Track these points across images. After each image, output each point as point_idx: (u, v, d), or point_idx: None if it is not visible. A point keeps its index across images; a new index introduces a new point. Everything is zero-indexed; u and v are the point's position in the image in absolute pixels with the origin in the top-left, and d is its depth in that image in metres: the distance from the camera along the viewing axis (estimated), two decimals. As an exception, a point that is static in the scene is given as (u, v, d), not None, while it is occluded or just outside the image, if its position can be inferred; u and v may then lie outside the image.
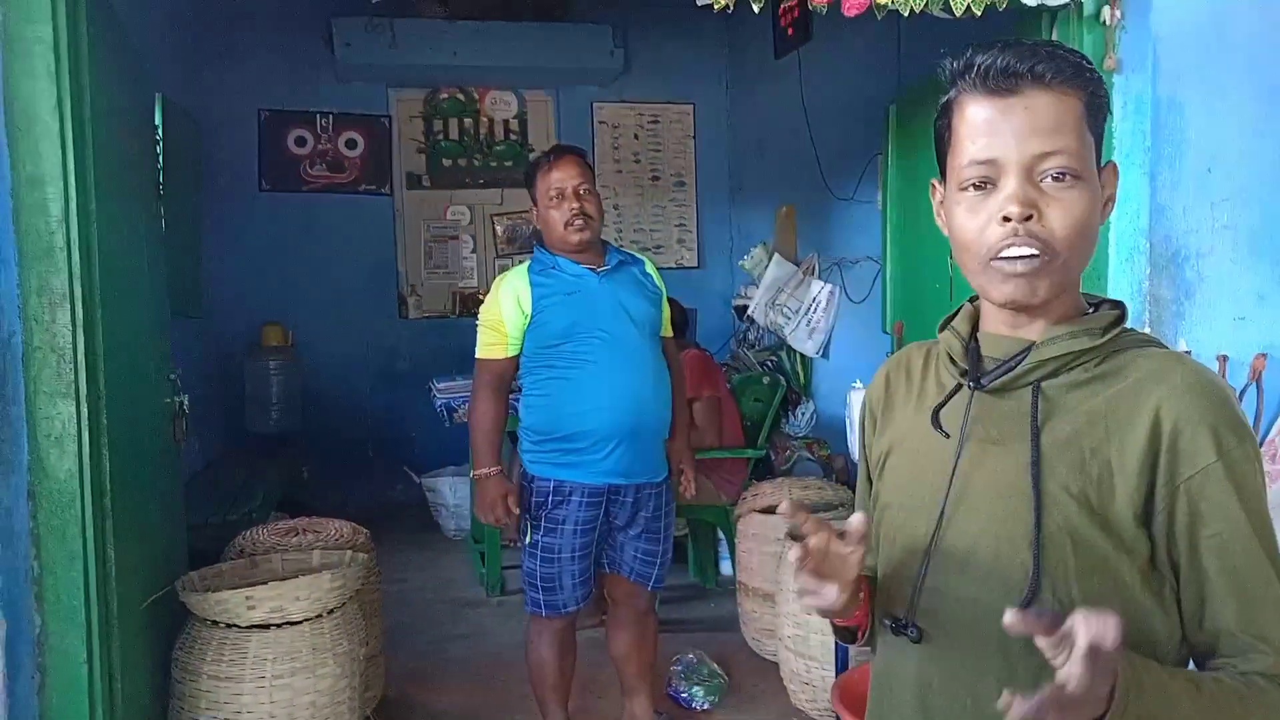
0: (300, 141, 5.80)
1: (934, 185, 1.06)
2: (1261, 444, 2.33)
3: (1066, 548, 0.93)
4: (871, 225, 4.30)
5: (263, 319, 5.56)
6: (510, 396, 2.78)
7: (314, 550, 2.80)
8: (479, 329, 2.71)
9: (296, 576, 2.52)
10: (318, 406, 5.67)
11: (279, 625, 2.41)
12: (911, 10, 2.20)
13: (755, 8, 2.15)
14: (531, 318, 2.61)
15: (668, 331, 2.85)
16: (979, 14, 2.18)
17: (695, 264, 6.42)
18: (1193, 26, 2.29)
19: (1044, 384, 0.98)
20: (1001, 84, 0.94)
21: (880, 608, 1.09)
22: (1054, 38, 2.44)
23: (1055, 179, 0.94)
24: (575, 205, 2.62)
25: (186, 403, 3.07)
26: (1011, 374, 0.99)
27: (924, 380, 1.11)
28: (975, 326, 1.07)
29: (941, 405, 1.05)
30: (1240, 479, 0.90)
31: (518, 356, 2.67)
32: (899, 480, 1.09)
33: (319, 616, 2.46)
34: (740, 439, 4.26)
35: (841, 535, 0.97)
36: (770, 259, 5.33)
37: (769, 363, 5.37)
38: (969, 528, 0.99)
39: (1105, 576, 0.92)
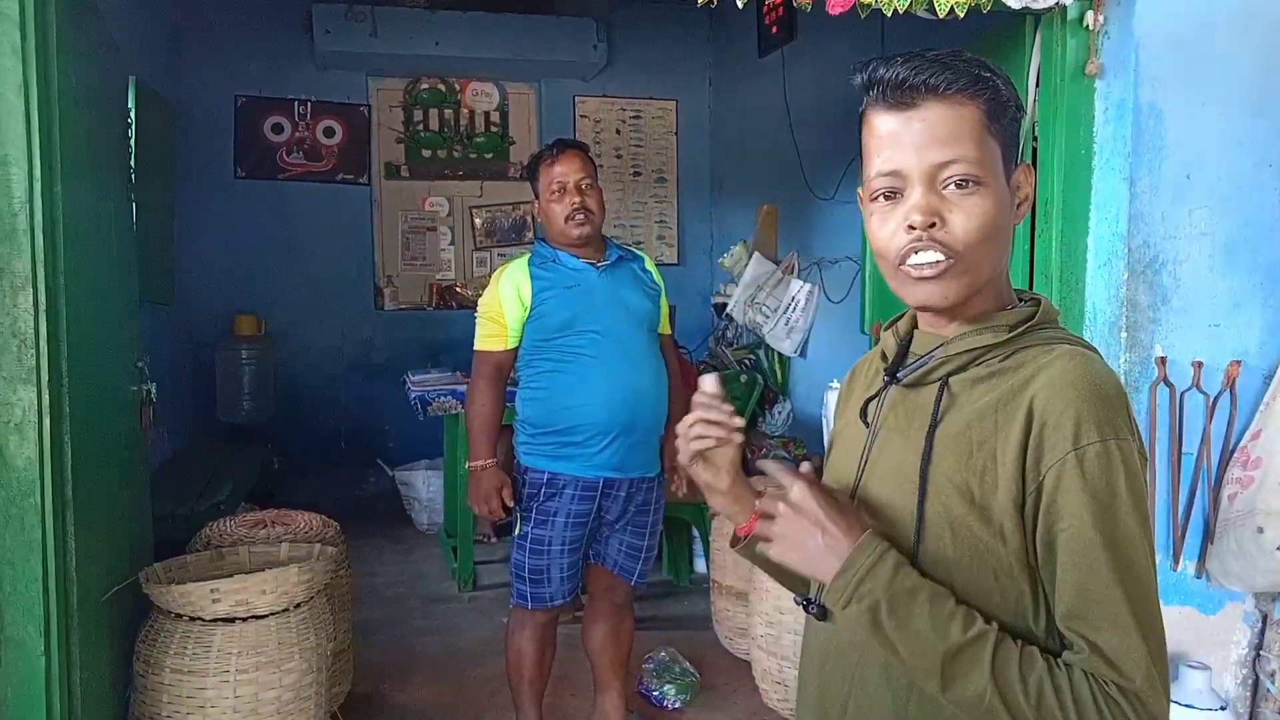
0: (277, 129, 5.73)
1: (859, 194, 1.08)
2: (1234, 450, 2.34)
3: (945, 534, 0.96)
4: (852, 225, 4.30)
5: (236, 308, 5.50)
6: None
7: (282, 543, 2.76)
8: (478, 320, 2.70)
9: (263, 569, 2.48)
10: (290, 397, 5.60)
11: (244, 619, 2.36)
12: (895, 10, 2.19)
13: (739, 3, 2.13)
14: (531, 310, 2.60)
15: (666, 329, 2.85)
16: (962, 15, 2.17)
17: (675, 261, 6.40)
18: (1174, 34, 2.29)
19: (951, 379, 1.02)
20: (900, 98, 0.98)
21: (798, 581, 1.18)
22: (1038, 41, 2.44)
23: (957, 186, 0.97)
24: (577, 200, 2.62)
25: (154, 390, 3.02)
26: (923, 369, 1.04)
27: (867, 379, 1.18)
28: (915, 326, 1.13)
29: (871, 399, 1.11)
30: (1091, 474, 0.90)
31: (516, 349, 2.66)
32: (833, 468, 1.17)
33: (286, 610, 2.42)
34: (716, 437, 4.24)
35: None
36: (750, 257, 5.32)
37: (747, 361, 5.36)
38: (869, 512, 1.05)
39: (982, 564, 0.95)
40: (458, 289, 6.06)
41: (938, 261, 0.97)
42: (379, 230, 5.99)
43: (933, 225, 0.96)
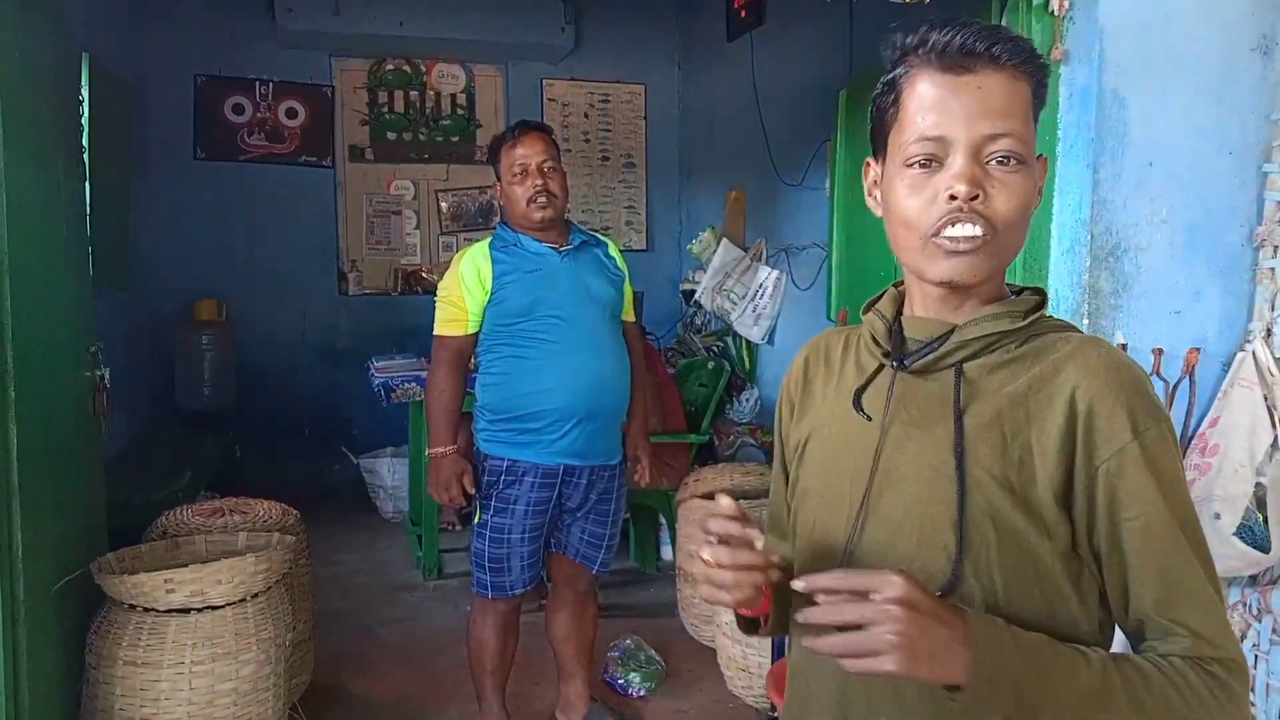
0: (238, 109, 5.61)
1: (868, 164, 1.04)
2: (1193, 437, 2.36)
3: (989, 531, 0.92)
4: (820, 211, 4.29)
5: (196, 292, 5.40)
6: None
7: (240, 532, 2.71)
8: (438, 304, 2.65)
9: (220, 559, 2.43)
10: (252, 384, 5.51)
11: (200, 609, 2.32)
12: (862, -7, 2.17)
13: (704, -17, 2.10)
14: (491, 294, 2.56)
15: (630, 315, 2.82)
16: (928, 0, 2.15)
17: (644, 246, 6.37)
18: (1139, 21, 2.29)
19: (966, 365, 0.98)
20: (958, 61, 0.93)
21: (798, 601, 1.05)
22: (1004, 25, 2.43)
23: (1001, 162, 0.93)
24: (539, 182, 2.57)
25: (108, 376, 2.95)
26: (934, 354, 0.99)
27: (843, 365, 1.10)
28: (900, 310, 1.07)
29: (864, 387, 1.04)
30: (1156, 460, 0.89)
31: (477, 334, 2.62)
32: (818, 466, 1.07)
33: (242, 601, 2.38)
34: (682, 424, 4.24)
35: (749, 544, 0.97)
36: (719, 244, 5.30)
37: (715, 348, 5.35)
38: (893, 513, 0.98)
39: (1026, 560, 0.92)
40: (423, 274, 5.99)
41: (975, 236, 0.93)
42: (343, 214, 5.90)
43: (975, 198, 0.92)
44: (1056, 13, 2.26)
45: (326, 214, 5.84)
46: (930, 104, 0.94)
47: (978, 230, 0.93)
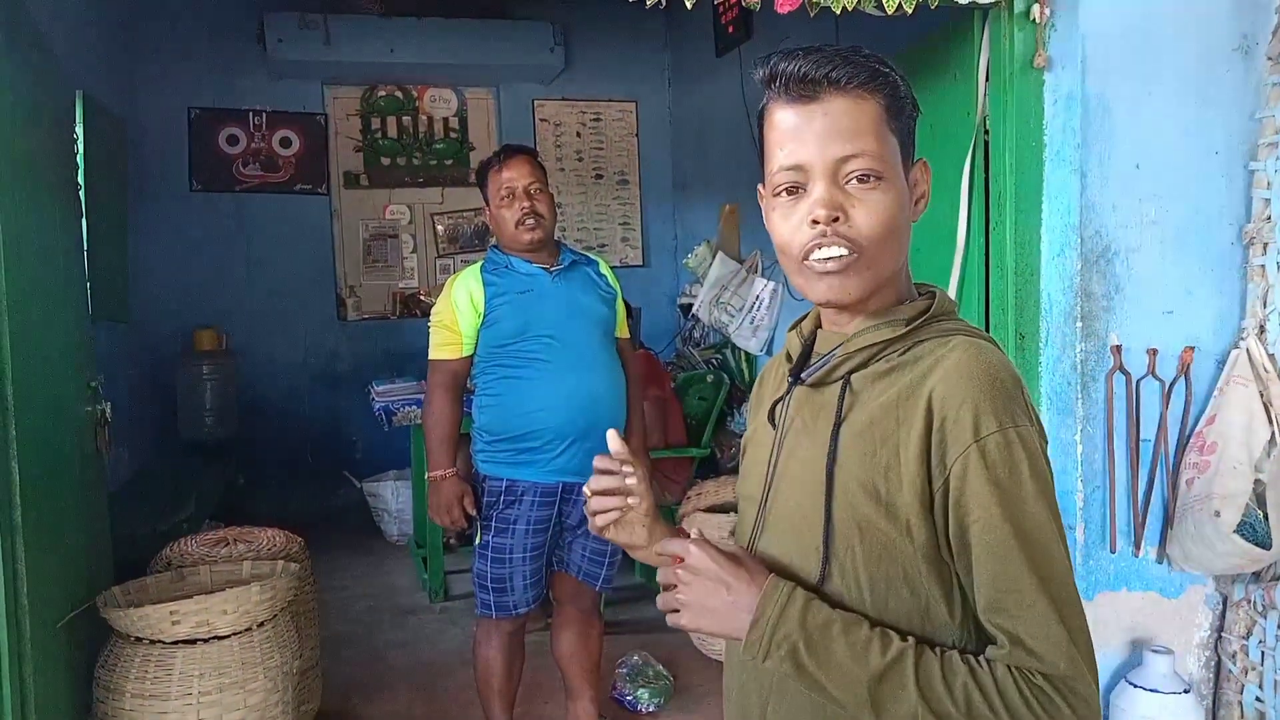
0: (232, 140, 5.65)
1: (759, 190, 1.06)
2: (1190, 435, 2.37)
3: (854, 535, 0.96)
4: (812, 223, 4.31)
5: (195, 323, 5.41)
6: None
7: (244, 561, 2.71)
8: (431, 329, 2.67)
9: (225, 589, 2.44)
10: (254, 411, 5.53)
11: (206, 640, 2.32)
12: (844, 9, 2.19)
13: (688, 3, 2.12)
14: (484, 317, 2.58)
15: (623, 332, 2.84)
16: (910, 11, 2.17)
17: (640, 262, 6.39)
18: (1121, 26, 2.31)
19: (853, 376, 1.01)
20: (802, 91, 0.97)
21: None
22: (986, 35, 2.45)
23: (860, 180, 0.97)
24: (526, 204, 2.60)
25: (109, 410, 2.96)
26: (826, 368, 1.03)
27: (780, 379, 1.15)
28: (820, 325, 1.12)
29: (778, 401, 1.09)
30: (996, 465, 0.89)
31: (472, 356, 2.64)
32: (744, 473, 1.15)
33: (248, 630, 2.38)
34: (684, 438, 4.25)
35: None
36: (714, 257, 5.31)
37: (713, 361, 5.36)
38: (780, 517, 1.05)
39: (892, 563, 0.94)
40: (421, 297, 6.01)
41: (841, 256, 0.97)
42: (339, 240, 5.93)
43: (836, 220, 0.96)
44: (1038, 20, 2.29)
45: (323, 241, 5.87)
46: (786, 134, 0.99)
47: (842, 251, 0.96)
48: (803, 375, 1.06)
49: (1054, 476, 0.95)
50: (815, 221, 0.96)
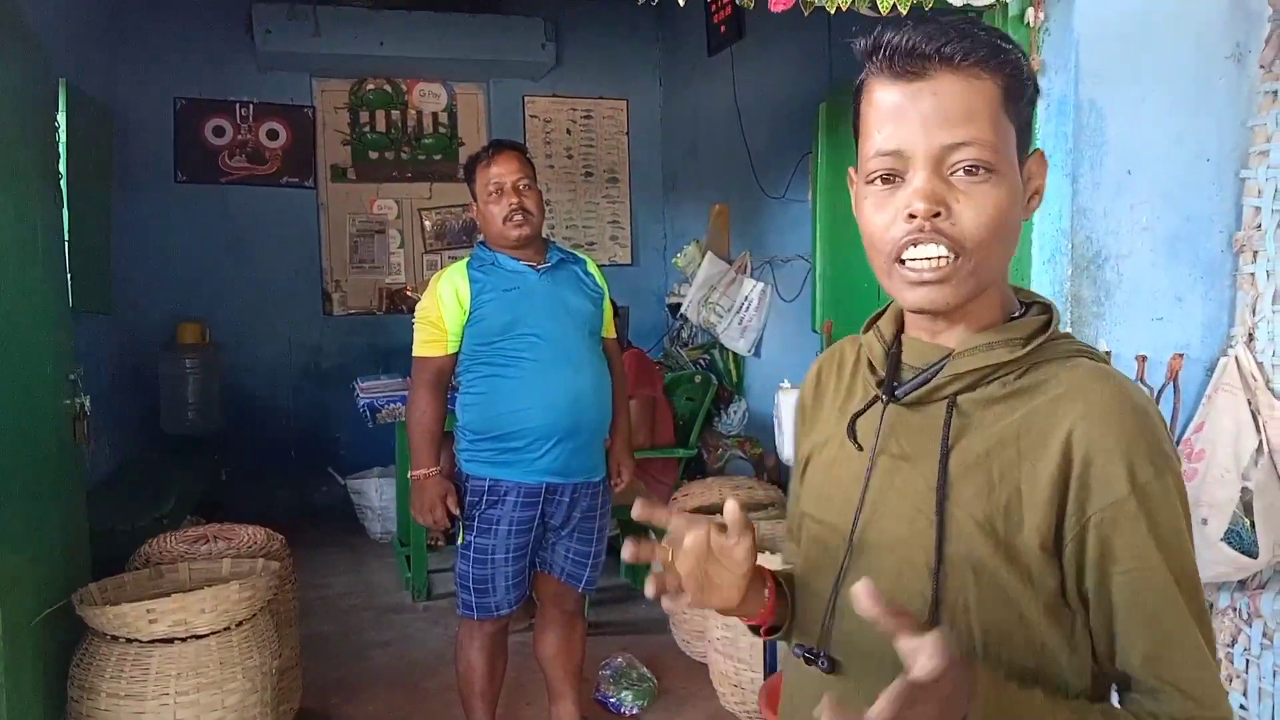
0: (219, 131, 5.59)
1: (850, 174, 0.96)
2: (1178, 443, 2.37)
3: (968, 578, 0.86)
4: (803, 224, 4.30)
5: (179, 315, 5.36)
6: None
7: (224, 559, 2.68)
8: (416, 326, 2.63)
9: (204, 587, 2.40)
10: (238, 406, 5.48)
11: (184, 639, 2.29)
12: (838, 8, 2.17)
13: (680, 1, 2.10)
14: (470, 314, 2.55)
15: (610, 332, 2.82)
16: (904, 12, 2.16)
17: (629, 261, 6.37)
18: (1114, 30, 2.30)
19: (960, 398, 0.90)
20: (908, 66, 0.85)
21: (796, 630, 1.04)
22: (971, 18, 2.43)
23: (967, 172, 0.85)
24: (514, 201, 2.57)
25: (89, 404, 2.92)
26: (926, 386, 0.91)
27: (852, 379, 1.04)
28: (901, 327, 0.99)
29: (859, 414, 0.97)
30: (1155, 512, 0.82)
31: (457, 354, 2.61)
32: (815, 490, 1.03)
33: (227, 629, 2.35)
34: (672, 438, 4.23)
35: (722, 529, 0.91)
36: (703, 257, 5.30)
37: (702, 361, 5.35)
38: (876, 553, 0.93)
39: (1008, 610, 0.86)
40: (408, 293, 5.97)
41: (940, 258, 0.85)
42: (326, 234, 5.88)
43: (937, 215, 0.84)
44: (1032, 24, 2.28)
45: (309, 235, 5.82)
46: (886, 115, 0.87)
47: (942, 250, 0.85)
48: (896, 393, 0.93)
49: None
50: (913, 215, 0.85)
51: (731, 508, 0.91)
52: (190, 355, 5.23)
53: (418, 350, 2.62)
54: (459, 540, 2.62)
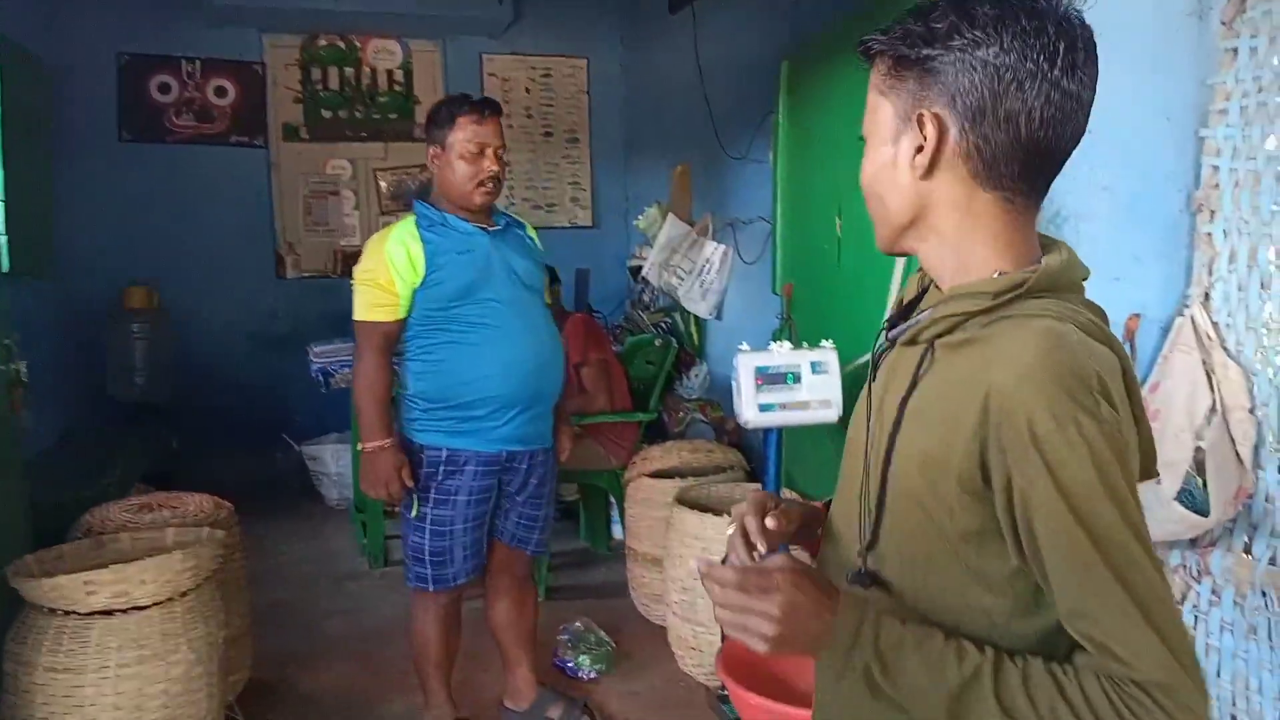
0: (164, 88, 5.41)
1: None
2: (1134, 404, 2.36)
3: (900, 511, 0.94)
4: (763, 185, 4.25)
5: (126, 279, 5.20)
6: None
7: (168, 528, 2.60)
8: (358, 288, 2.47)
9: (146, 557, 2.33)
10: (189, 372, 5.35)
11: (124, 611, 2.22)
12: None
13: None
14: (425, 277, 2.42)
15: (548, 299, 2.75)
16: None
17: (590, 223, 6.29)
18: (1075, -15, 2.26)
19: (937, 342, 0.95)
20: (861, 63, 1.01)
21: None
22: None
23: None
24: (494, 168, 2.47)
25: (25, 370, 2.82)
26: (911, 329, 0.98)
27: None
28: None
29: (880, 351, 1.06)
30: (1056, 467, 0.82)
31: (405, 319, 2.48)
32: (851, 431, 1.11)
33: (170, 600, 2.28)
34: (628, 402, 4.19)
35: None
36: (665, 219, 5.23)
37: (663, 324, 5.30)
38: (845, 479, 1.06)
39: (929, 545, 0.93)
40: (364, 256, 5.85)
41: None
42: (278, 195, 5.73)
43: None
44: (993, -24, 2.22)
45: (261, 196, 5.67)
46: None
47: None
48: (890, 333, 1.03)
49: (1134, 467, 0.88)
50: None
51: (772, 517, 1.08)
52: (137, 319, 5.10)
53: (362, 314, 2.47)
54: (413, 512, 2.53)
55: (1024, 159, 0.91)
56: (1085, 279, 0.98)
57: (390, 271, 2.42)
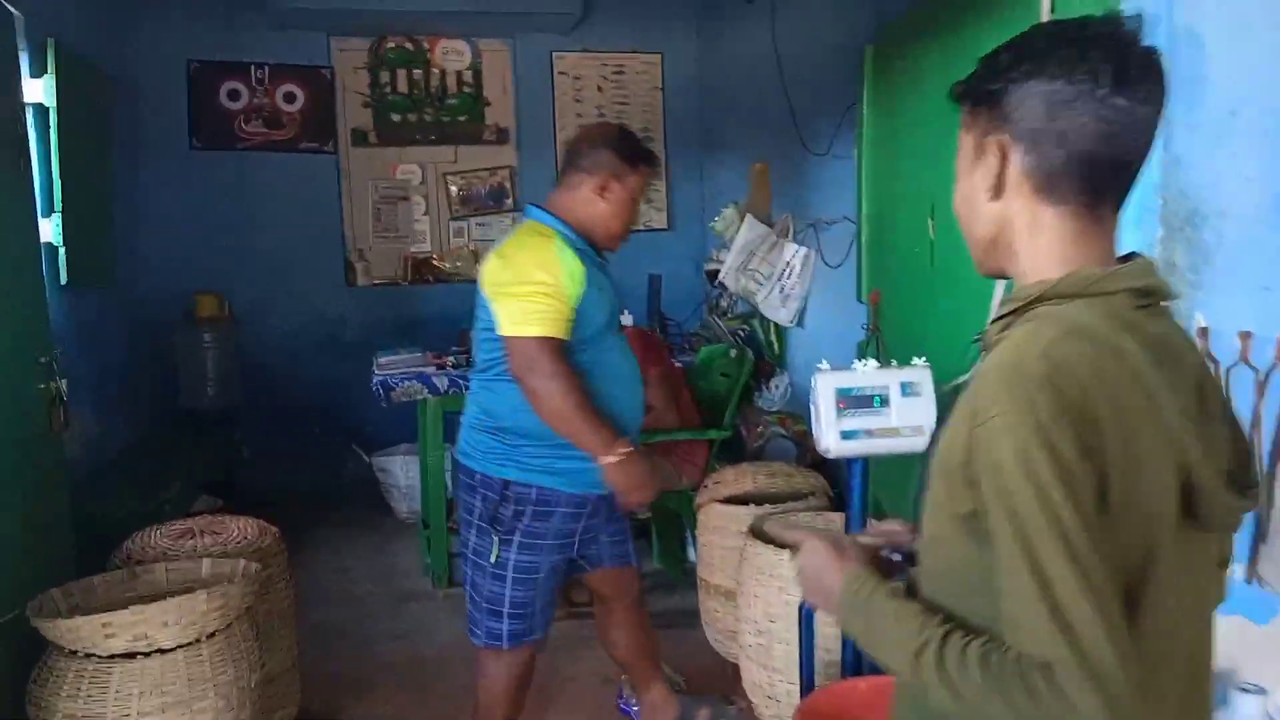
0: (234, 95, 5.36)
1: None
2: (1288, 434, 2.01)
3: (929, 492, 1.01)
4: (847, 183, 3.94)
5: (197, 287, 5.17)
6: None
7: (205, 559, 2.45)
8: (529, 299, 2.13)
9: (182, 592, 2.17)
10: (259, 381, 5.30)
11: (146, 654, 2.07)
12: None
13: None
14: (579, 303, 2.19)
15: None
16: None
17: (665, 225, 6.04)
18: (1215, -56, 1.92)
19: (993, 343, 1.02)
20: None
21: None
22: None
23: None
24: (638, 220, 2.46)
25: (65, 386, 2.71)
26: (979, 338, 1.07)
27: None
28: None
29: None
30: (990, 450, 0.89)
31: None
32: None
33: (196, 642, 2.12)
34: (695, 414, 3.93)
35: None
36: (742, 220, 4.95)
37: (741, 331, 5.02)
38: None
39: (941, 524, 0.99)
40: (434, 261, 5.72)
41: None
42: (347, 201, 5.64)
43: None
44: (1119, -66, 1.90)
45: (330, 202, 5.59)
46: None
47: None
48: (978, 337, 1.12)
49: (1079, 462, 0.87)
50: None
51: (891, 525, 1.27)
52: (208, 328, 5.06)
53: (542, 329, 2.12)
54: (492, 557, 2.26)
55: (1082, 173, 0.97)
56: (1139, 287, 0.97)
57: (571, 287, 2.16)
